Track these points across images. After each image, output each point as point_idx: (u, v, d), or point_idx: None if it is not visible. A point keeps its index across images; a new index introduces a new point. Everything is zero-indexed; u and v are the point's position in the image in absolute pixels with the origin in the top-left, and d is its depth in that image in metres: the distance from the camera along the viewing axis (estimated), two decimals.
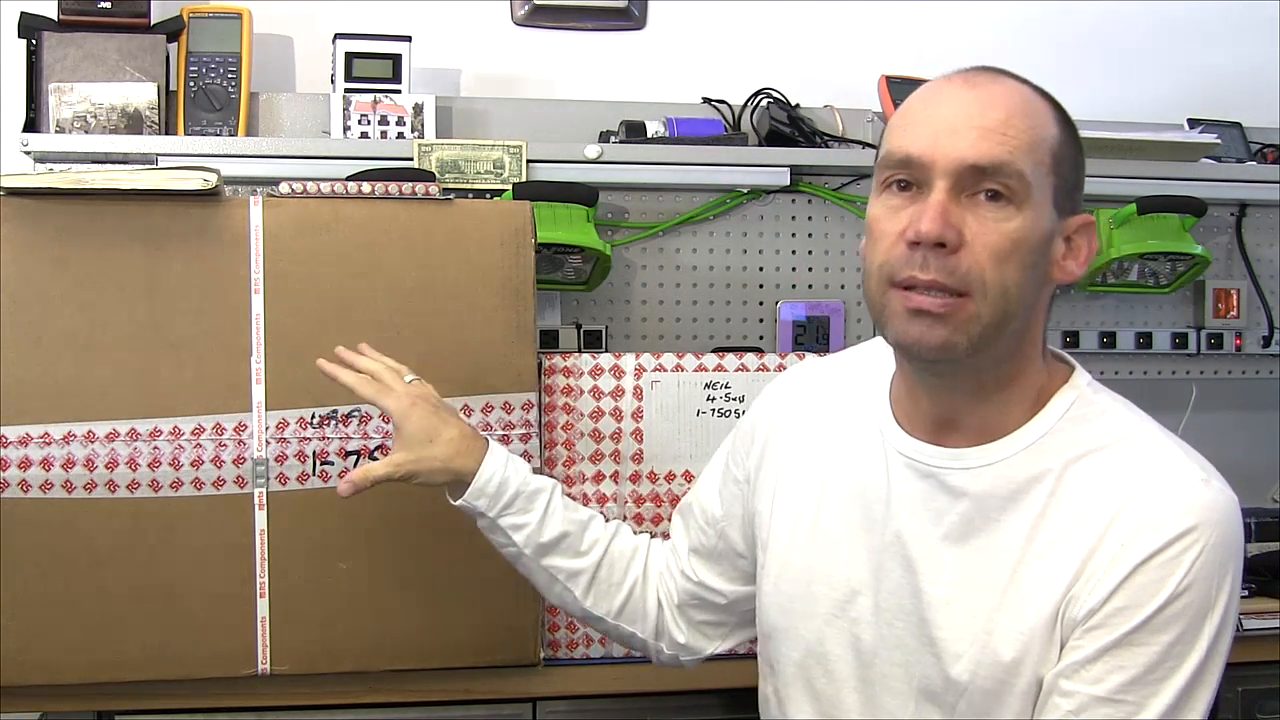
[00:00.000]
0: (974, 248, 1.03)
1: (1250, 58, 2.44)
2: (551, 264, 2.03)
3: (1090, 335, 2.29)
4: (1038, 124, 1.06)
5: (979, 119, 1.04)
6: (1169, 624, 1.02)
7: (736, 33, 2.31)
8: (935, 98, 1.08)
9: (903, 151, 1.06)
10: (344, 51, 2.05)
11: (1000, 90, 1.07)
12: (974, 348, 1.05)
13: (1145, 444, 1.09)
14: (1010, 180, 1.03)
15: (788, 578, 1.22)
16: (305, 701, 1.64)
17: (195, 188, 1.58)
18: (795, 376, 1.34)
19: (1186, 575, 1.01)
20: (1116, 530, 1.04)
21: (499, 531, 1.35)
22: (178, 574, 1.58)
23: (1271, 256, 2.35)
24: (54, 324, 1.57)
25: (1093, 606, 1.03)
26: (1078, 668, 1.04)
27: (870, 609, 1.15)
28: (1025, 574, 1.07)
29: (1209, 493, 1.05)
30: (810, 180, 2.18)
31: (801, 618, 1.20)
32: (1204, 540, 1.02)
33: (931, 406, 1.13)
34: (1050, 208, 1.07)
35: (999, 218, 1.04)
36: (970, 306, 1.04)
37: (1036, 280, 1.07)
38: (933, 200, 1.03)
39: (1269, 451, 2.29)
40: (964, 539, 1.10)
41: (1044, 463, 1.09)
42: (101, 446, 1.57)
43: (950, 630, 1.09)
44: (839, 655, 1.17)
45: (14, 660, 1.55)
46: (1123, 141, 2.15)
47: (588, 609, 1.37)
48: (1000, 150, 1.03)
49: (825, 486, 1.21)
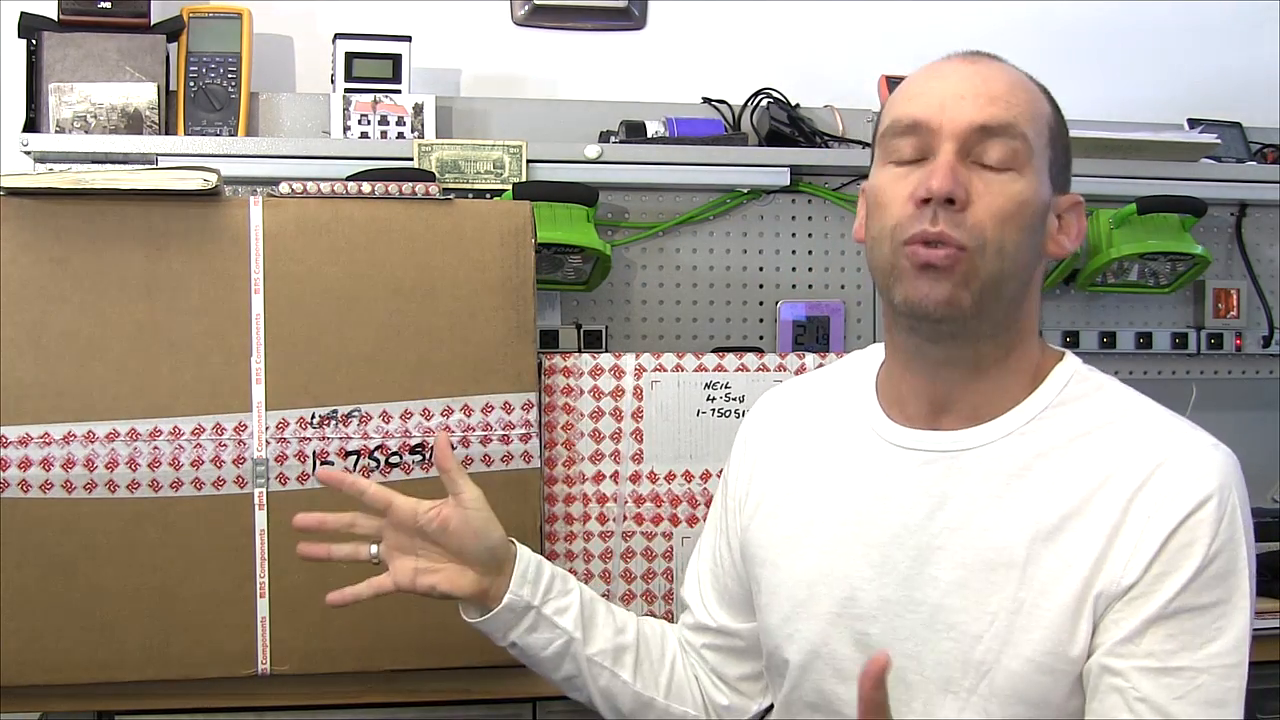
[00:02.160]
0: (978, 207, 1.07)
1: (1250, 58, 2.44)
2: (551, 264, 2.03)
3: (1090, 335, 2.29)
4: (1035, 99, 1.12)
5: (984, 87, 1.09)
6: (1209, 585, 1.04)
7: (736, 33, 2.31)
8: (938, 71, 1.13)
9: (909, 117, 1.10)
10: (344, 51, 2.05)
11: (999, 67, 1.13)
12: (977, 305, 1.07)
13: (1151, 416, 1.12)
14: (1015, 142, 1.08)
15: (788, 584, 1.22)
16: (305, 701, 1.64)
17: (195, 188, 1.58)
18: (774, 396, 1.34)
19: (1217, 536, 1.04)
20: (1141, 502, 1.05)
21: (545, 626, 1.26)
22: (178, 574, 1.58)
23: (1271, 256, 2.35)
24: (54, 324, 1.56)
25: (1132, 580, 1.04)
26: (1125, 643, 1.04)
27: (875, 603, 1.15)
28: (1043, 552, 1.07)
29: (1221, 455, 1.08)
30: (810, 180, 2.18)
31: (803, 621, 1.20)
32: (1226, 500, 1.05)
33: (928, 387, 1.14)
34: (1047, 178, 1.11)
35: (1004, 180, 1.08)
36: (974, 259, 1.07)
37: (1034, 247, 1.11)
38: (941, 160, 1.07)
39: (1269, 451, 2.29)
40: (972, 521, 1.10)
41: (1048, 439, 1.10)
42: (101, 446, 1.57)
43: (967, 613, 1.10)
44: (845, 654, 1.17)
45: (14, 660, 1.55)
46: (1123, 141, 2.15)
47: (638, 691, 1.30)
48: (1006, 114, 1.08)
49: (817, 492, 1.21)
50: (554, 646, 1.27)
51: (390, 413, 1.62)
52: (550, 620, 1.26)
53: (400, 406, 1.63)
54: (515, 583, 1.24)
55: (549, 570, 1.28)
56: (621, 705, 1.30)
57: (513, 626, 1.26)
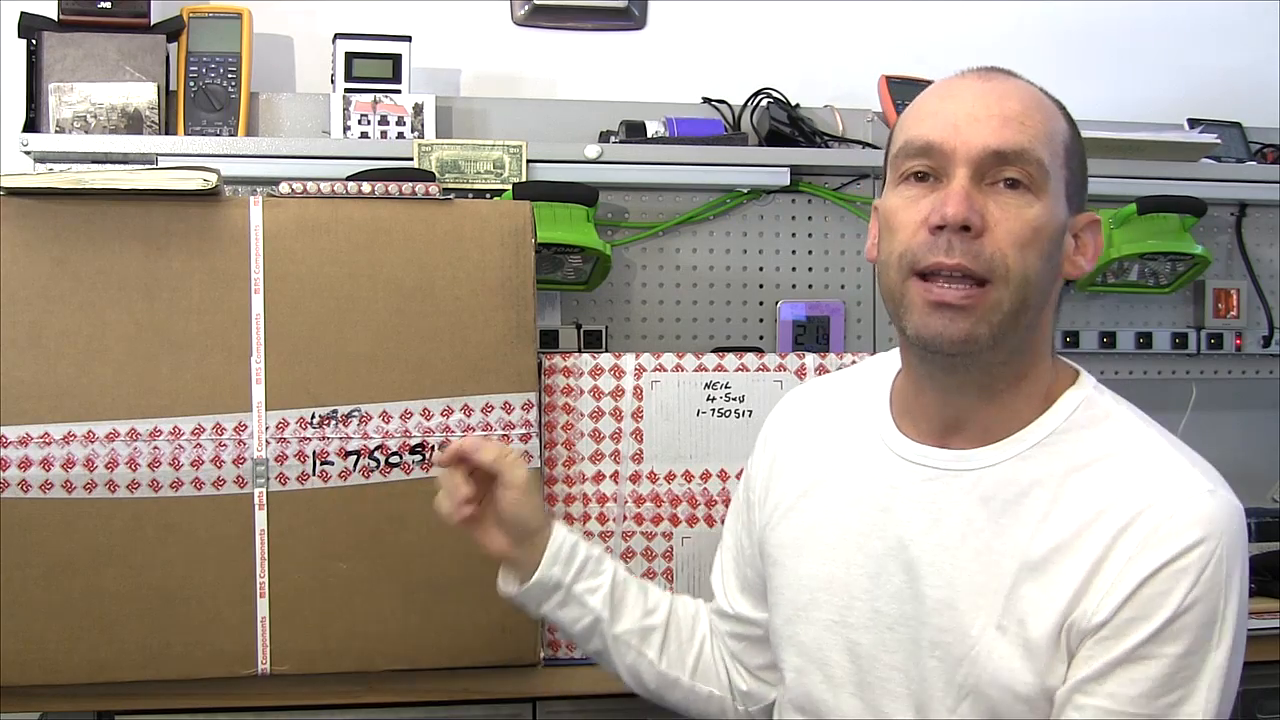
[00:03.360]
0: (996, 233, 1.04)
1: (1250, 58, 2.44)
2: (551, 264, 2.03)
3: (1090, 335, 2.29)
4: (1050, 118, 1.09)
5: (998, 108, 1.06)
6: (1178, 635, 1.01)
7: (736, 33, 2.31)
8: (951, 90, 1.10)
9: (923, 139, 1.07)
10: (344, 51, 2.05)
11: (1014, 85, 1.10)
12: (995, 338, 1.06)
13: (1150, 453, 1.09)
14: (1030, 167, 1.05)
15: (792, 587, 1.22)
16: (305, 701, 1.64)
17: (195, 188, 1.58)
18: (797, 396, 1.34)
19: (1195, 587, 1.01)
20: (1124, 543, 1.03)
21: (574, 604, 1.31)
22: (178, 574, 1.58)
23: (1271, 256, 2.35)
24: (54, 324, 1.56)
25: (1102, 619, 1.03)
26: (1090, 682, 1.03)
27: (868, 614, 1.15)
28: (1029, 580, 1.07)
29: (1215, 503, 1.04)
30: (810, 180, 2.18)
31: (802, 624, 1.20)
32: (1212, 551, 1.02)
33: (940, 408, 1.13)
34: (1064, 200, 1.09)
35: (1020, 204, 1.05)
36: (992, 294, 1.05)
37: (1052, 271, 1.09)
38: (955, 186, 1.05)
39: (1269, 451, 2.29)
40: (965, 542, 1.10)
41: (1047, 466, 1.09)
42: (101, 446, 1.57)
43: (952, 634, 1.09)
44: (837, 661, 1.17)
45: (14, 660, 1.55)
46: (1123, 141, 2.15)
47: (663, 671, 1.33)
48: (1021, 137, 1.05)
49: (826, 496, 1.22)
50: (583, 623, 1.32)
51: (390, 413, 1.62)
52: (579, 599, 1.30)
53: (400, 406, 1.63)
54: (546, 562, 1.29)
55: (583, 551, 1.31)
56: (647, 682, 1.35)
57: (543, 601, 1.31)
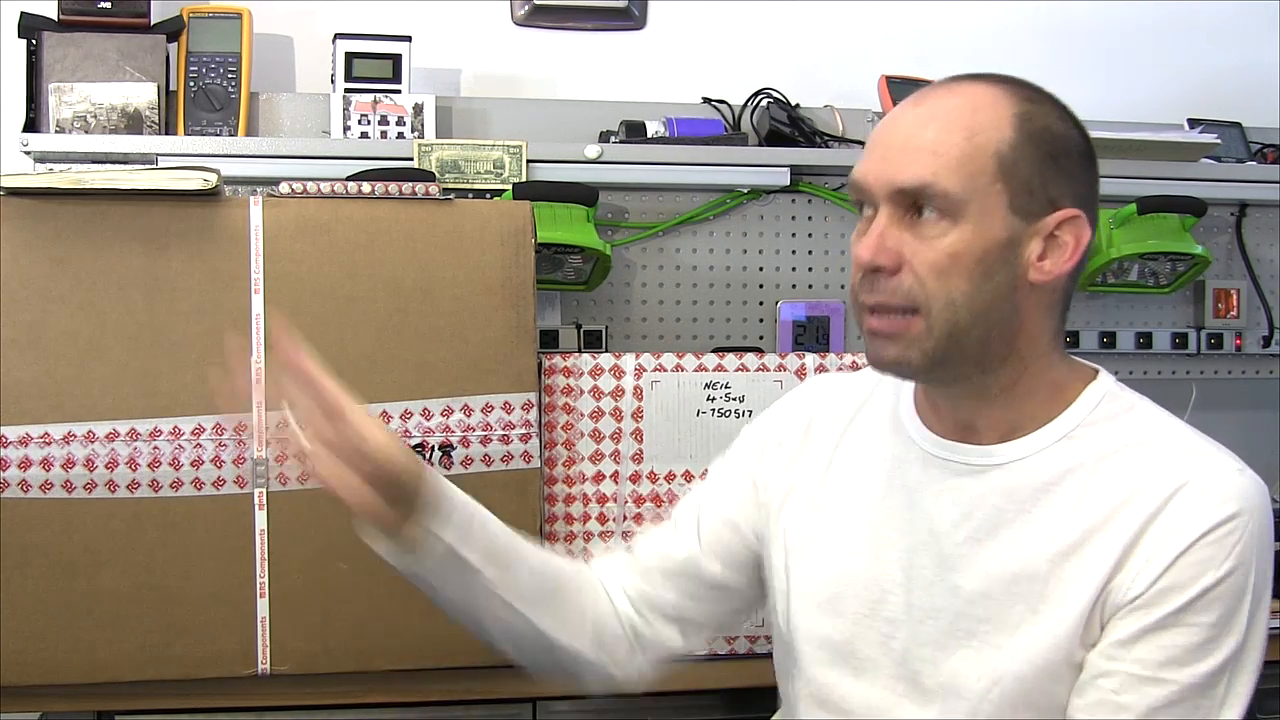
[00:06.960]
0: (914, 264, 1.06)
1: (1250, 58, 2.44)
2: (551, 264, 2.03)
3: (1090, 335, 2.29)
4: (979, 133, 1.06)
5: (913, 139, 1.07)
6: (1211, 605, 1.04)
7: (736, 33, 2.31)
8: (888, 121, 1.11)
9: (856, 176, 1.11)
10: (344, 51, 2.05)
11: (944, 105, 1.08)
12: (931, 361, 1.08)
13: (1179, 437, 1.12)
14: (936, 199, 1.05)
15: (817, 579, 1.22)
16: (305, 701, 1.64)
17: (195, 188, 1.58)
18: (829, 382, 1.34)
19: (1229, 558, 1.04)
20: (1161, 521, 1.06)
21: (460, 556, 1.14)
22: (178, 574, 1.58)
23: (1271, 256, 2.35)
24: (54, 324, 1.57)
25: (1139, 592, 1.05)
26: (1119, 647, 1.05)
27: (903, 607, 1.16)
28: (1065, 565, 1.08)
29: (1245, 480, 1.07)
30: (810, 180, 2.18)
31: (830, 617, 1.20)
32: (1245, 525, 1.05)
33: (950, 410, 1.16)
34: (1005, 214, 1.06)
35: (935, 234, 1.06)
36: (919, 323, 1.07)
37: (996, 289, 1.07)
38: (873, 228, 1.08)
39: (1269, 451, 2.29)
40: (995, 532, 1.11)
41: (1077, 456, 1.11)
42: (101, 446, 1.57)
43: (989, 623, 1.10)
44: (868, 655, 1.18)
45: (14, 660, 1.55)
46: (1123, 141, 2.15)
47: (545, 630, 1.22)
48: (924, 171, 1.05)
49: (855, 491, 1.22)
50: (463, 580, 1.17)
51: (390, 413, 1.62)
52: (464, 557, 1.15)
53: (400, 406, 1.63)
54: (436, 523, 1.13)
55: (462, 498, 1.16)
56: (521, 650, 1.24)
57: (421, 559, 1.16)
